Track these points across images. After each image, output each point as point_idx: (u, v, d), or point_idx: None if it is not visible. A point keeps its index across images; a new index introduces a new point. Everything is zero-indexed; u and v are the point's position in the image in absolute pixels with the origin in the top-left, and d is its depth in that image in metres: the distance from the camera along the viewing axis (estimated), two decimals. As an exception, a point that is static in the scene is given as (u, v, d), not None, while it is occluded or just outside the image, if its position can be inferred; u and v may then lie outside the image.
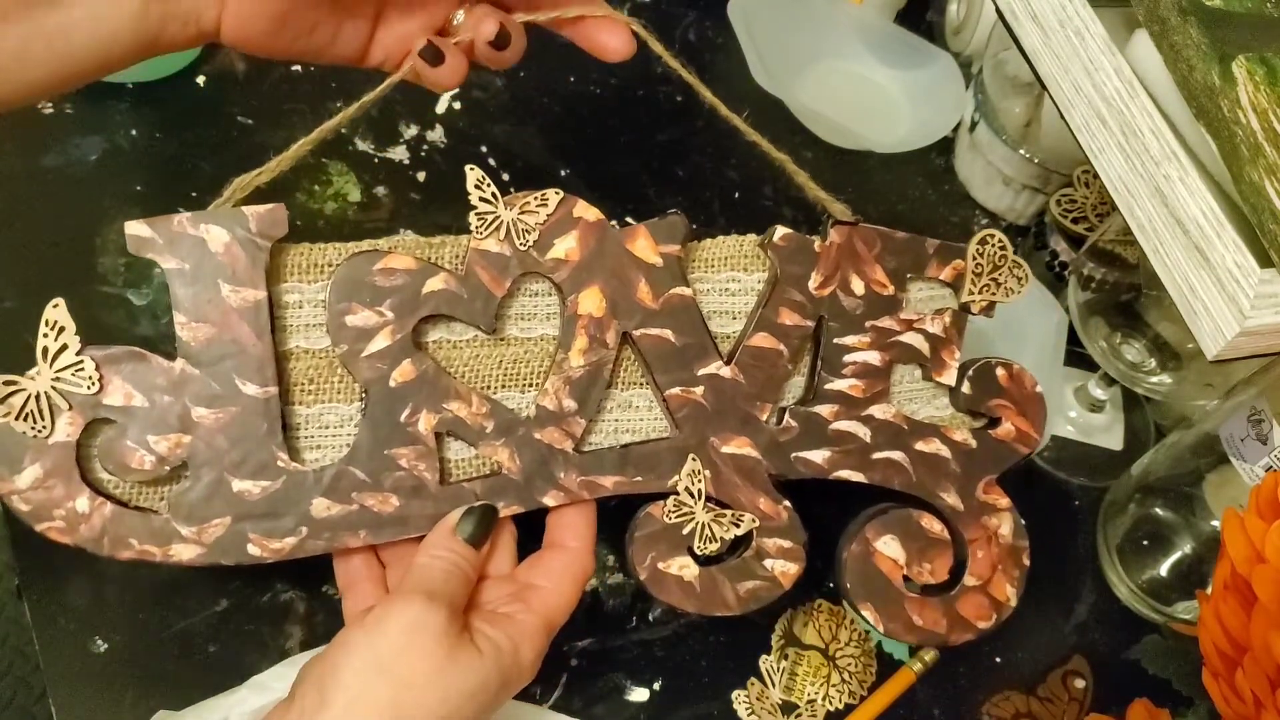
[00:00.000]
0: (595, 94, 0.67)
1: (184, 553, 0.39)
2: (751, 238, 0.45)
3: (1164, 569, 0.53)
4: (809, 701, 0.48)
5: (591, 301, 0.41)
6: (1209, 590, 0.40)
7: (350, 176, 0.61)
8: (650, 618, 0.50)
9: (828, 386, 0.44)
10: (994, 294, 0.46)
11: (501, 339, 0.42)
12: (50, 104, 0.60)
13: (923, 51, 0.70)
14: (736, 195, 0.64)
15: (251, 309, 0.39)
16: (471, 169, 0.40)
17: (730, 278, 0.44)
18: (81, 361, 0.38)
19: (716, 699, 0.48)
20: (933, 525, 0.45)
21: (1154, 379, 0.52)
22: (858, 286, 0.44)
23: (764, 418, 0.44)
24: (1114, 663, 0.52)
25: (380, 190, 0.60)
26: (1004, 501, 0.46)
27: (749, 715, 0.48)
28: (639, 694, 0.48)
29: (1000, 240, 0.45)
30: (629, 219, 0.61)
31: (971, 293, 0.45)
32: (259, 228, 0.39)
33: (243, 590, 0.47)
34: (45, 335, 0.38)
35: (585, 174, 0.63)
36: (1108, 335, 0.53)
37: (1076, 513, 0.57)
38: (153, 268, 0.55)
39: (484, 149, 0.63)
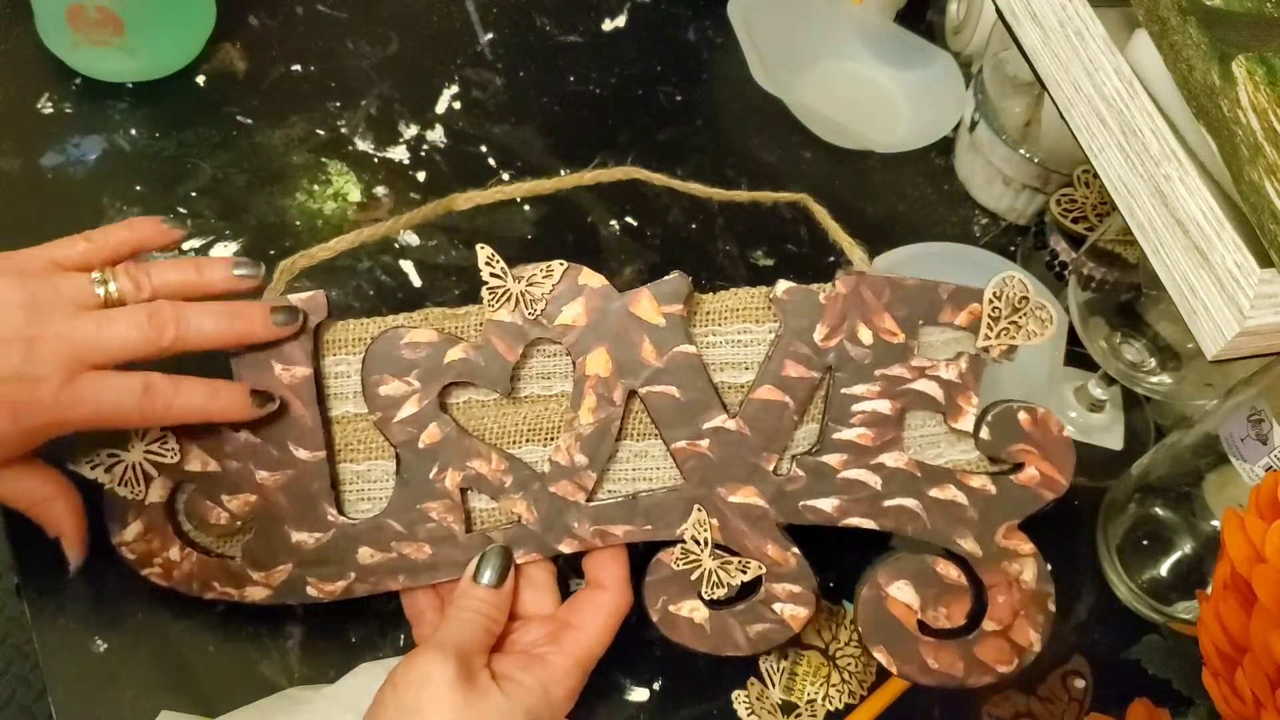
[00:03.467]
0: (595, 94, 0.67)
1: (256, 594, 0.44)
2: (761, 290, 0.45)
3: (1164, 569, 0.53)
4: (809, 701, 0.49)
5: (599, 363, 0.44)
6: (1209, 590, 0.40)
7: (350, 176, 0.61)
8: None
9: (835, 436, 0.45)
10: (1014, 337, 0.44)
11: (524, 397, 0.45)
12: (50, 104, 0.60)
13: (923, 51, 0.70)
14: (736, 195, 0.64)
15: (301, 384, 0.44)
16: (481, 247, 0.43)
17: (741, 329, 0.45)
18: (166, 435, 0.43)
19: (716, 699, 0.48)
20: (949, 571, 0.45)
21: (1154, 379, 0.52)
22: (865, 336, 0.44)
23: (770, 468, 0.45)
24: (1114, 663, 0.52)
25: (380, 190, 0.61)
26: (1026, 547, 0.45)
27: (749, 715, 0.48)
28: (639, 694, 0.48)
29: (1021, 282, 0.44)
30: (629, 219, 0.62)
31: (989, 337, 0.44)
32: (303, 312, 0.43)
33: (242, 590, 0.47)
34: None
35: (585, 174, 0.63)
36: (1108, 335, 0.53)
37: (1076, 513, 0.56)
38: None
39: (484, 149, 0.63)
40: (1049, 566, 0.45)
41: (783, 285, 0.44)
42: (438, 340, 0.44)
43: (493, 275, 0.43)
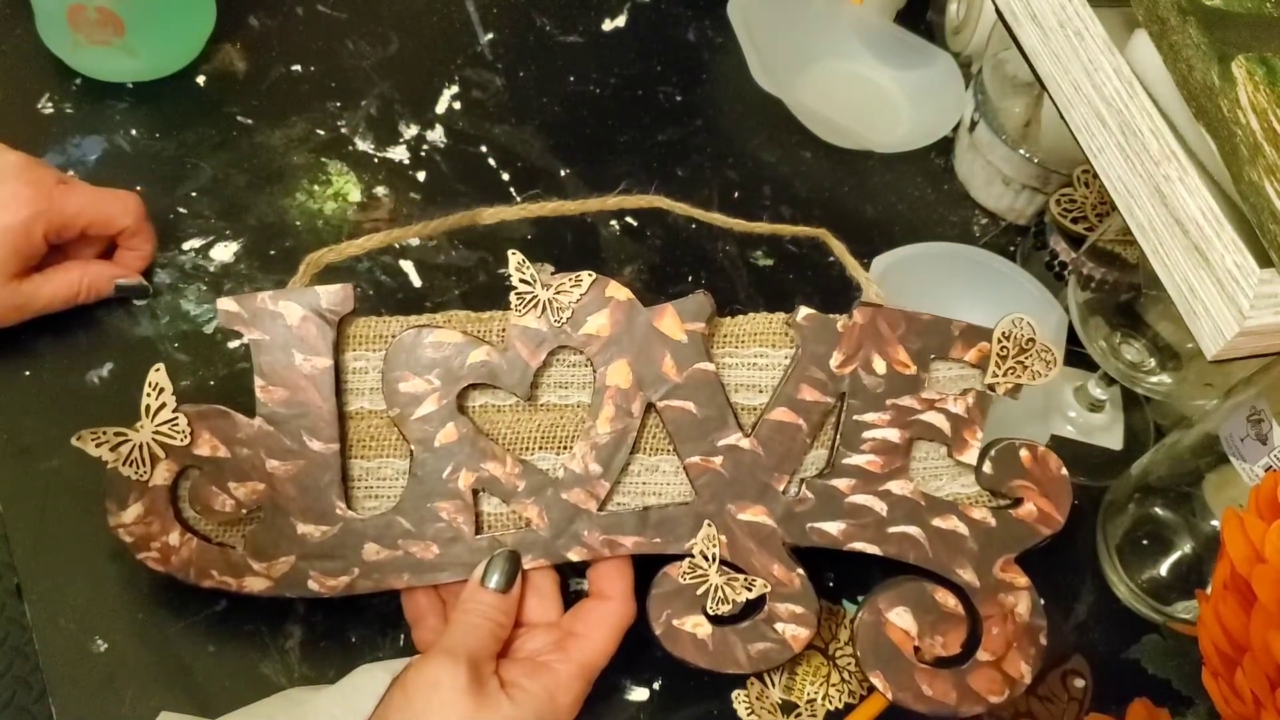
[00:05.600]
0: (595, 94, 0.67)
1: (255, 585, 0.44)
2: (780, 316, 0.46)
3: (1164, 569, 0.53)
4: (809, 701, 0.48)
5: (619, 374, 0.44)
6: (1209, 590, 0.40)
7: (350, 176, 0.61)
8: (650, 618, 0.50)
9: (845, 461, 0.46)
10: (1020, 377, 0.46)
11: (541, 405, 0.45)
12: (50, 104, 0.60)
13: (923, 51, 0.70)
14: (736, 195, 0.64)
15: (320, 375, 0.44)
16: (513, 253, 0.44)
17: (758, 353, 0.46)
18: (177, 418, 0.43)
19: (716, 699, 0.48)
20: (947, 600, 0.46)
21: (1154, 379, 0.52)
22: (879, 366, 0.45)
23: (781, 488, 0.45)
24: (1114, 663, 0.52)
25: (380, 190, 0.61)
26: (1022, 580, 0.46)
27: (749, 715, 0.48)
28: (639, 694, 0.48)
29: (1028, 324, 0.46)
30: (628, 218, 0.62)
31: (996, 375, 0.46)
32: (328, 304, 0.44)
33: (242, 590, 0.47)
34: (148, 395, 0.43)
35: (585, 174, 0.63)
36: (1107, 335, 0.53)
37: (1076, 513, 0.56)
38: (151, 270, 0.55)
39: (484, 149, 0.63)
40: (1049, 568, 0.46)
41: (803, 311, 0.45)
42: (462, 341, 0.44)
43: (522, 281, 0.44)
